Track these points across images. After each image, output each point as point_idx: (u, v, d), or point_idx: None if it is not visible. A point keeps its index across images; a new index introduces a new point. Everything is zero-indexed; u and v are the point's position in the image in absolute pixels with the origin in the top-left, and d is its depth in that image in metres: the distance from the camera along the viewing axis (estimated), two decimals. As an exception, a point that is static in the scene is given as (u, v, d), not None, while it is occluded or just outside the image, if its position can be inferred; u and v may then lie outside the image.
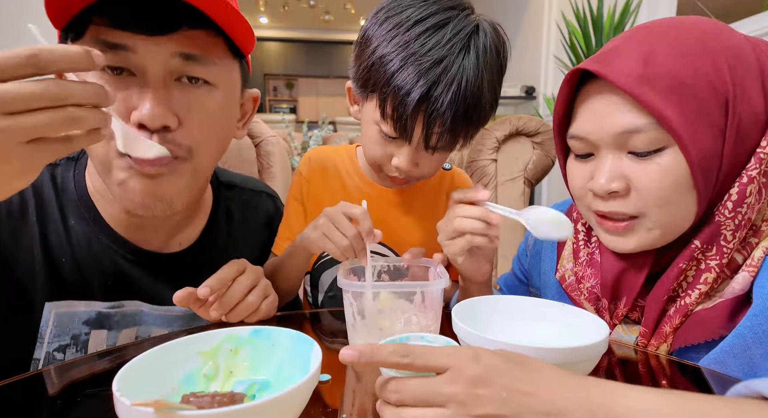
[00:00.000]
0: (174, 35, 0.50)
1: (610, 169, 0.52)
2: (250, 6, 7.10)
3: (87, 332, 0.60)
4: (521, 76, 3.40)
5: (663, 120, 0.47)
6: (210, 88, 0.55)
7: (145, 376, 0.39)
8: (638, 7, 2.12)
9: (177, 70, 0.51)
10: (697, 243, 0.51)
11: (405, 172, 0.70)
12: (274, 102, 9.39)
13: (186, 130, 0.53)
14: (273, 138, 1.35)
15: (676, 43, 0.48)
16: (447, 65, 0.60)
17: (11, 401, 0.45)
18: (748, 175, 0.49)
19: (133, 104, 0.49)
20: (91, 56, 0.34)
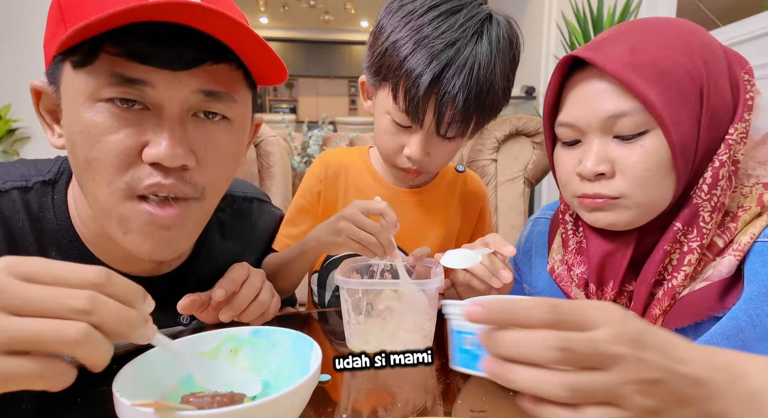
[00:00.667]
0: (198, 70, 0.46)
1: (597, 153, 0.55)
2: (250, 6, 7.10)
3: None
4: (521, 76, 3.39)
5: (648, 104, 0.51)
6: (227, 124, 0.51)
7: (145, 376, 0.39)
8: (638, 7, 2.12)
9: (196, 106, 0.48)
10: (679, 225, 0.55)
11: (417, 161, 0.70)
12: (274, 102, 9.39)
13: (203, 169, 0.49)
14: (273, 138, 1.35)
15: (659, 38, 0.53)
16: (459, 48, 0.61)
17: (11, 402, 0.45)
18: (719, 160, 0.53)
19: (146, 140, 0.45)
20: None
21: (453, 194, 0.86)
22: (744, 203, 0.55)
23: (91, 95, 0.44)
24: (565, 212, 0.69)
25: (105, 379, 0.35)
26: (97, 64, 0.43)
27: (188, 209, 0.50)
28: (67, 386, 0.31)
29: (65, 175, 0.57)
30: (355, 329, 0.58)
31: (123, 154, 0.45)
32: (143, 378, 0.39)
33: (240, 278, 0.59)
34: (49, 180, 0.55)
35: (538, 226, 0.78)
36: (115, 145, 0.45)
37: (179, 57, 0.44)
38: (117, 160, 0.45)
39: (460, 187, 0.87)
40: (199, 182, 0.49)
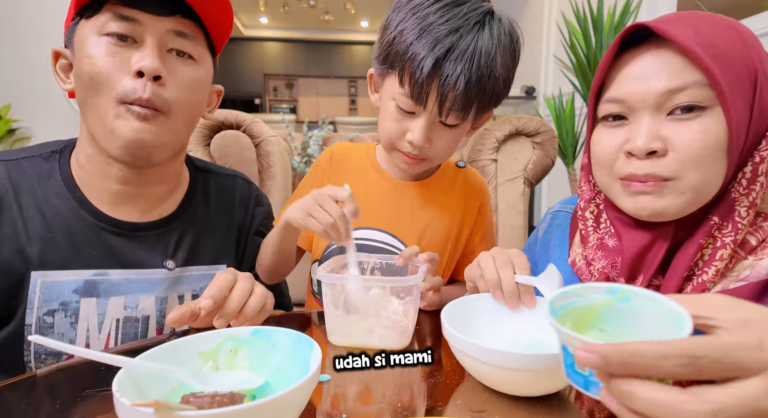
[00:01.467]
0: (171, 18, 0.65)
1: (650, 130, 0.53)
2: (250, 6, 7.10)
3: (77, 301, 0.66)
4: (521, 76, 3.40)
5: (713, 79, 0.50)
6: (192, 62, 0.68)
7: (145, 376, 0.39)
8: (638, 7, 2.12)
9: (170, 43, 0.66)
10: (715, 219, 0.54)
11: (418, 147, 0.72)
12: (274, 102, 9.39)
13: (170, 88, 0.65)
14: (273, 138, 1.35)
15: (714, 25, 0.53)
16: (462, 34, 0.65)
17: (12, 402, 0.45)
18: (760, 156, 0.52)
19: (134, 62, 0.62)
20: None
21: (454, 189, 0.88)
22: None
23: (98, 31, 0.63)
24: (585, 208, 0.67)
25: (105, 379, 0.35)
26: (102, 12, 0.63)
27: (158, 117, 0.65)
28: None
29: (69, 147, 0.73)
30: (336, 324, 0.59)
31: (116, 69, 0.62)
32: (143, 378, 0.39)
33: (226, 284, 0.60)
34: (57, 150, 0.72)
35: (558, 219, 0.77)
36: (112, 62, 0.62)
37: (160, 5, 0.64)
38: (110, 74, 0.62)
39: (461, 183, 0.89)
40: (167, 98, 0.65)
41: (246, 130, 1.33)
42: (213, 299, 0.58)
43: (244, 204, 0.86)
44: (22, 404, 0.45)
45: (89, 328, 0.66)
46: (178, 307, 0.59)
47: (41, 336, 0.38)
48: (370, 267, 0.68)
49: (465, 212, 0.88)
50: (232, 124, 1.32)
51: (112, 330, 0.68)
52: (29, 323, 0.64)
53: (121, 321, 0.68)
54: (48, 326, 0.64)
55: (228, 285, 0.60)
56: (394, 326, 0.59)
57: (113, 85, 0.62)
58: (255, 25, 8.45)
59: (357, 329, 0.59)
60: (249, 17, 7.98)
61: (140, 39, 0.64)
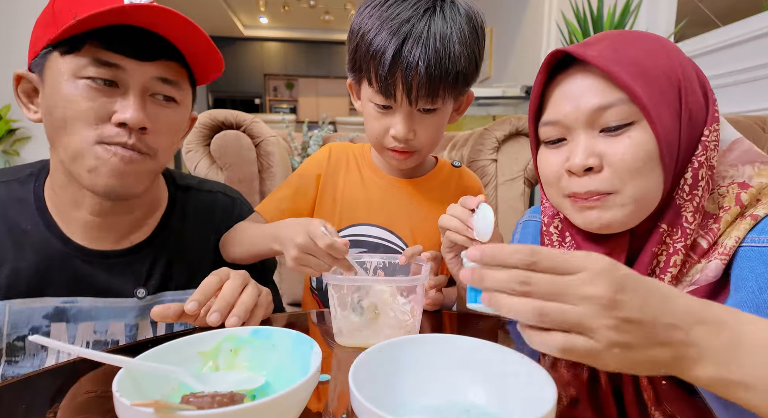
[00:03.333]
0: (156, 63, 0.63)
1: (585, 147, 0.56)
2: (250, 6, 7.10)
3: (48, 325, 0.66)
4: (521, 76, 3.40)
5: (634, 95, 0.52)
6: (175, 105, 0.67)
7: (145, 376, 0.39)
8: (638, 7, 2.11)
9: (153, 88, 0.64)
10: (664, 226, 0.56)
11: (403, 139, 0.75)
12: (274, 102, 9.39)
13: (154, 135, 0.64)
14: (273, 138, 1.35)
15: (638, 42, 0.56)
16: (414, 23, 0.68)
17: (12, 402, 0.45)
18: (698, 161, 0.55)
19: (115, 109, 0.61)
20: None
21: (449, 187, 0.89)
22: (723, 204, 0.56)
23: (75, 73, 0.59)
24: (549, 223, 0.69)
25: (105, 379, 0.35)
26: (82, 52, 0.59)
27: (144, 159, 0.64)
28: None
29: (45, 169, 0.70)
30: (342, 325, 0.59)
31: (96, 116, 0.60)
32: (143, 378, 0.39)
33: (210, 287, 0.59)
34: (33, 173, 0.70)
35: (529, 228, 0.79)
36: (90, 108, 0.59)
37: (145, 51, 0.61)
38: (91, 119, 0.59)
39: (456, 182, 0.90)
40: (152, 145, 0.64)
41: (246, 130, 1.33)
42: (197, 302, 0.56)
43: (226, 221, 0.82)
44: (22, 404, 0.45)
45: (59, 351, 0.66)
46: (167, 304, 0.58)
47: (41, 336, 0.38)
48: (373, 267, 0.68)
49: None
50: (232, 124, 1.32)
51: None
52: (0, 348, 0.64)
53: (91, 344, 0.68)
54: (19, 349, 0.64)
55: (212, 287, 0.59)
56: (401, 325, 0.59)
57: (91, 129, 0.60)
58: (255, 25, 8.45)
59: (364, 330, 0.59)
60: (249, 17, 7.98)
61: (122, 84, 0.61)
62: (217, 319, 0.57)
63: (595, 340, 0.34)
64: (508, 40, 3.75)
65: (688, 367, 0.36)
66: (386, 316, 0.59)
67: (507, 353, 0.42)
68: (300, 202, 0.86)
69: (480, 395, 0.42)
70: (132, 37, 0.60)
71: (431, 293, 0.70)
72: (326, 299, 0.85)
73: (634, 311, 0.34)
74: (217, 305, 0.57)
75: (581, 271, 0.35)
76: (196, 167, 1.30)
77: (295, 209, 0.85)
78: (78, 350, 0.38)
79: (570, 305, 0.34)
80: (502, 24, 3.90)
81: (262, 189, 1.36)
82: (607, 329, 0.34)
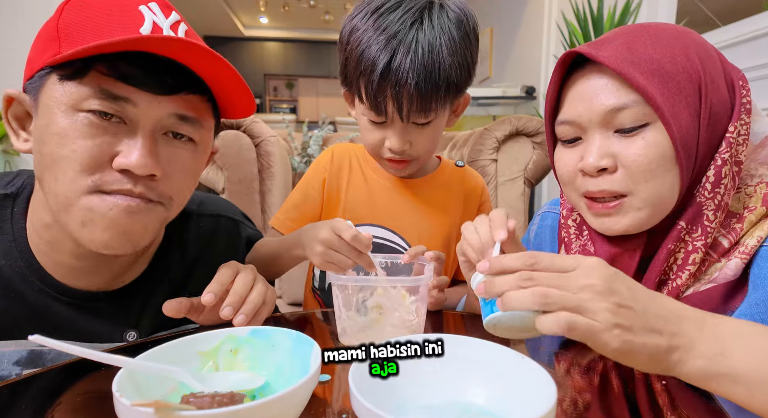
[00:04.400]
0: (175, 97, 0.52)
1: (599, 148, 0.55)
2: (250, 6, 7.10)
3: (18, 373, 0.56)
4: (521, 76, 3.40)
5: (647, 96, 0.51)
6: (192, 146, 0.56)
7: (145, 376, 0.39)
8: (638, 7, 2.11)
9: (168, 126, 0.53)
10: (683, 224, 0.55)
11: (399, 152, 0.75)
12: (274, 102, 9.39)
13: (167, 181, 0.53)
14: (273, 138, 1.35)
15: (654, 37, 0.54)
16: (401, 38, 0.66)
17: (12, 401, 0.45)
18: (721, 158, 0.53)
19: (118, 150, 0.49)
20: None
21: (453, 187, 0.89)
22: (749, 204, 0.55)
23: (74, 105, 0.48)
24: (568, 216, 0.68)
25: (105, 379, 0.35)
26: (85, 79, 0.48)
27: (153, 209, 0.53)
28: None
29: (27, 190, 0.58)
30: (347, 325, 0.59)
31: (93, 158, 0.48)
32: (143, 378, 0.39)
33: (226, 277, 0.58)
34: (11, 194, 0.58)
35: (547, 220, 0.78)
36: (88, 148, 0.48)
37: (161, 83, 0.50)
38: (87, 162, 0.48)
39: (459, 182, 0.90)
40: (164, 192, 0.54)
41: (246, 130, 1.33)
42: (214, 294, 0.56)
43: (232, 249, 0.75)
44: (21, 405, 0.45)
45: None
46: (178, 299, 0.57)
47: (40, 336, 0.38)
48: None
49: (465, 210, 0.89)
50: (232, 124, 1.32)
51: None
52: None
53: None
54: None
55: (228, 279, 0.58)
56: (405, 325, 0.59)
57: (86, 175, 0.48)
58: (255, 25, 8.45)
59: (368, 330, 0.59)
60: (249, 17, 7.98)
61: (131, 122, 0.50)
62: (229, 313, 0.55)
63: (595, 320, 0.38)
64: (508, 40, 3.74)
65: (680, 359, 0.39)
66: (391, 316, 0.59)
67: (507, 353, 0.42)
68: (310, 209, 0.86)
69: (480, 395, 0.42)
70: (148, 64, 0.49)
71: (434, 293, 0.70)
72: (329, 299, 0.86)
73: (628, 299, 0.38)
74: (230, 300, 0.56)
75: (576, 268, 0.40)
76: (196, 167, 1.30)
77: (307, 216, 0.86)
78: (78, 350, 0.37)
79: (570, 291, 0.39)
80: (502, 24, 3.90)
81: (262, 189, 1.36)
82: (606, 311, 0.38)
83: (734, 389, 0.38)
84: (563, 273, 0.40)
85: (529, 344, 0.61)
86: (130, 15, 0.50)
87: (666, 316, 0.39)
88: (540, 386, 0.37)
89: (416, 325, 0.59)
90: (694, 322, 0.39)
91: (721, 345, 0.39)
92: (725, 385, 0.38)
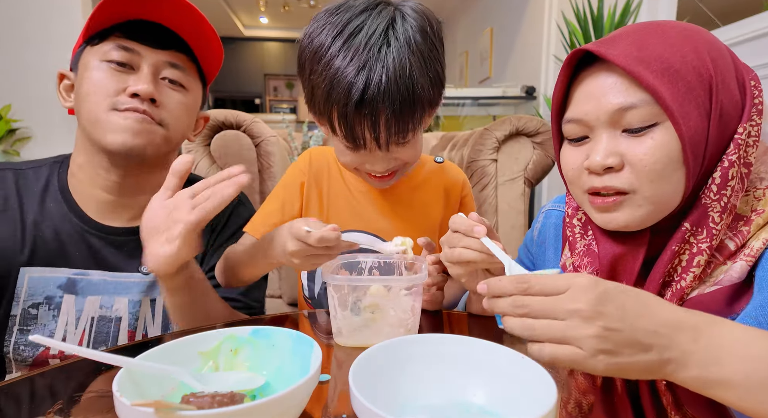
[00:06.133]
0: (167, 51, 0.74)
1: (606, 146, 0.54)
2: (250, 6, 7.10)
3: (61, 296, 0.73)
4: (521, 76, 3.40)
5: (657, 96, 0.51)
6: (182, 90, 0.77)
7: (145, 376, 0.39)
8: (638, 8, 2.11)
9: (164, 71, 0.74)
10: (687, 225, 0.54)
11: (381, 172, 0.73)
12: (274, 102, 9.38)
13: (164, 109, 0.73)
14: (273, 138, 1.35)
15: (664, 35, 0.54)
16: (371, 67, 0.63)
17: (12, 401, 0.45)
18: (729, 160, 0.52)
19: (129, 84, 0.70)
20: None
21: (432, 184, 0.88)
22: (757, 206, 0.54)
23: (100, 57, 0.71)
24: (573, 215, 0.68)
25: (105, 379, 0.35)
26: (106, 41, 0.72)
27: (155, 126, 0.72)
28: None
29: (67, 160, 0.79)
30: (342, 325, 0.59)
31: (112, 88, 0.70)
32: (143, 378, 0.39)
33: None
34: (57, 160, 0.80)
35: (551, 218, 0.78)
36: (108, 83, 0.70)
37: (158, 40, 0.73)
38: (107, 91, 0.70)
39: (438, 178, 0.89)
40: (162, 116, 0.73)
41: (246, 130, 1.33)
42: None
43: (224, 213, 0.84)
44: (22, 405, 0.45)
45: (68, 322, 0.73)
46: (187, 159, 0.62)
47: (40, 336, 0.38)
48: (368, 266, 0.68)
49: (447, 205, 0.88)
50: (233, 124, 1.32)
51: (87, 327, 0.74)
52: (14, 314, 0.71)
53: (96, 319, 0.74)
54: (32, 318, 0.71)
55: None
56: (401, 324, 0.59)
57: (108, 99, 0.69)
58: (255, 25, 8.44)
59: (364, 329, 0.59)
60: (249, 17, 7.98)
61: (137, 67, 0.72)
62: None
63: (580, 349, 0.39)
64: (508, 40, 3.74)
65: (674, 370, 0.39)
66: (386, 315, 0.60)
67: (507, 353, 0.42)
68: (288, 214, 0.83)
69: (480, 395, 0.42)
70: (148, 29, 0.73)
71: (432, 291, 0.70)
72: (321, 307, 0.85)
73: (614, 321, 0.39)
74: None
75: (567, 290, 0.40)
76: (197, 167, 1.30)
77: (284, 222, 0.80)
78: (78, 350, 0.38)
79: (559, 319, 0.40)
80: (502, 24, 3.90)
81: (262, 189, 1.36)
82: (590, 337, 0.39)
83: (727, 394, 0.39)
84: (555, 296, 0.41)
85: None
86: None
87: (657, 330, 0.39)
88: (540, 386, 0.37)
89: (412, 323, 0.60)
90: (689, 333, 0.39)
91: (717, 354, 0.39)
92: (719, 391, 0.39)
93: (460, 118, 3.26)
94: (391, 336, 0.57)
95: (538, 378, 0.38)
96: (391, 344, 0.44)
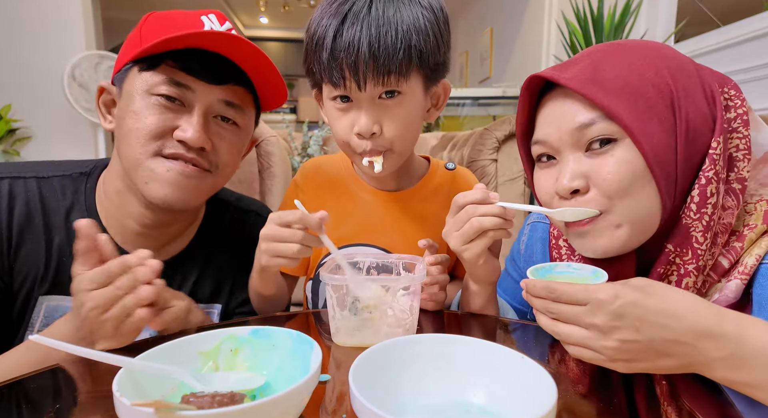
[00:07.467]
0: (223, 86, 0.66)
1: (571, 169, 0.54)
2: (250, 6, 7.10)
3: None
4: (521, 76, 3.40)
5: (611, 114, 0.51)
6: (236, 128, 0.71)
7: (145, 376, 0.39)
8: (638, 7, 2.11)
9: (217, 110, 0.67)
10: (670, 247, 0.54)
11: (367, 134, 0.68)
12: (274, 102, 9.38)
13: (216, 153, 0.68)
14: (273, 138, 1.35)
15: (623, 55, 0.54)
16: (352, 4, 0.64)
17: (12, 401, 0.45)
18: (705, 177, 0.52)
19: (178, 125, 0.64)
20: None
21: (443, 195, 0.83)
22: (749, 221, 0.53)
23: (148, 90, 0.64)
24: (559, 237, 0.68)
25: (105, 379, 0.35)
26: (157, 70, 0.64)
27: (203, 175, 0.67)
28: None
29: (98, 170, 0.73)
30: (341, 325, 0.59)
31: (159, 129, 0.63)
32: (143, 378, 0.39)
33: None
34: (84, 173, 0.72)
35: (537, 232, 0.78)
36: (155, 122, 0.63)
37: (214, 75, 0.65)
38: (153, 132, 0.63)
39: (449, 187, 0.85)
40: (213, 161, 0.67)
41: (246, 130, 1.33)
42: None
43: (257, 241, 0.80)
44: (22, 404, 0.45)
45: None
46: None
47: (40, 336, 0.38)
48: (366, 266, 0.68)
49: None
50: (232, 124, 1.32)
51: None
52: None
53: None
54: None
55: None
56: (399, 324, 0.59)
57: (152, 142, 0.63)
58: (255, 25, 8.44)
59: (362, 329, 0.59)
60: (249, 17, 7.98)
61: (189, 104, 0.65)
62: None
63: (600, 354, 0.44)
64: (508, 40, 3.75)
65: (699, 370, 0.42)
66: (384, 314, 0.60)
67: (507, 353, 0.42)
68: None
69: (480, 395, 0.42)
70: (204, 61, 0.64)
71: (433, 290, 0.70)
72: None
73: (630, 334, 0.42)
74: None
75: (588, 302, 0.44)
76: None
77: None
78: (78, 350, 0.38)
79: (581, 328, 0.45)
80: (502, 24, 3.90)
81: (262, 189, 1.36)
82: (607, 348, 0.43)
83: (754, 393, 0.41)
84: (577, 307, 0.44)
85: (529, 340, 0.61)
86: (193, 23, 0.67)
87: (679, 339, 0.41)
88: (540, 386, 0.37)
89: (411, 323, 0.60)
90: (714, 341, 0.41)
91: (743, 361, 0.40)
92: (747, 390, 0.41)
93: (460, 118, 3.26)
94: (389, 336, 0.57)
95: (538, 378, 0.38)
96: (391, 344, 0.44)
